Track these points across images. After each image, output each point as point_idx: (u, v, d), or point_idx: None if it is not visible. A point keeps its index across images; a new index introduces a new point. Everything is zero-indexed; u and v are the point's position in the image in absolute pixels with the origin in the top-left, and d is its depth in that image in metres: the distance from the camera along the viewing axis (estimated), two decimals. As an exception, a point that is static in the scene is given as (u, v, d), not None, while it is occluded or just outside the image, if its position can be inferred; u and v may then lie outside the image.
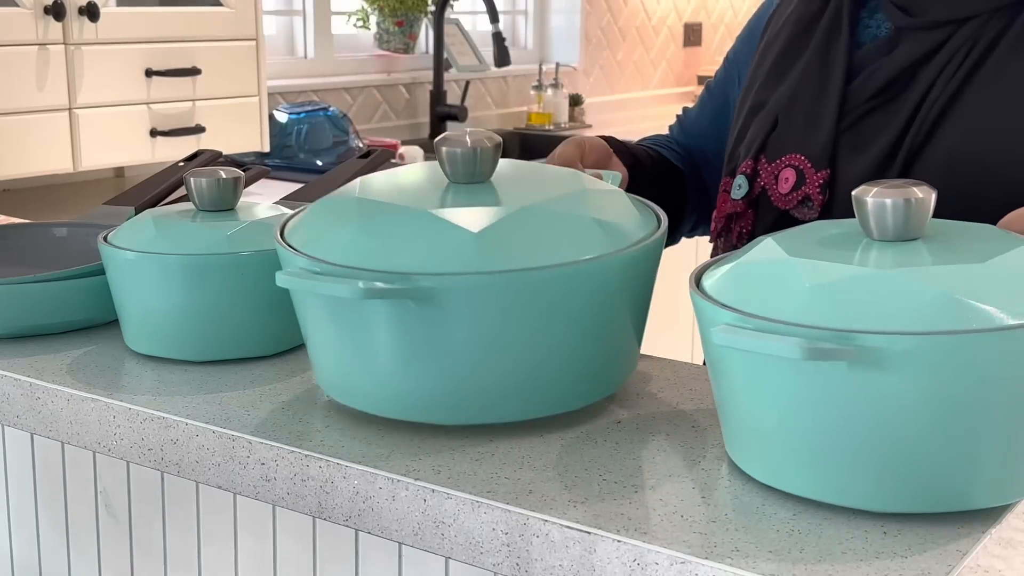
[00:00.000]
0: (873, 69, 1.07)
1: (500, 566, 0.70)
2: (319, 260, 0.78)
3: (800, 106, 1.11)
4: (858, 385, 0.64)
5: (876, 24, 1.11)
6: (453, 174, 0.84)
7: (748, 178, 1.12)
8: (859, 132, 1.06)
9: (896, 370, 0.63)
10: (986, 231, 0.74)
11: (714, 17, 4.59)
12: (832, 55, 1.10)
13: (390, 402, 0.80)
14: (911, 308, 0.64)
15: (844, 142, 1.07)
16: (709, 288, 0.72)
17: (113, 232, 0.98)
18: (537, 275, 0.76)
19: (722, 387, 0.72)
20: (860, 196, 0.70)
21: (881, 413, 0.64)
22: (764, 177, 1.11)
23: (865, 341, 0.63)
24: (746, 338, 0.64)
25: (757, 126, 1.14)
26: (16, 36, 1.94)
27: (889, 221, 0.70)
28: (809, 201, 1.07)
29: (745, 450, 0.72)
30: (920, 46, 1.04)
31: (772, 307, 0.67)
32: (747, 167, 1.12)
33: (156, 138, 2.17)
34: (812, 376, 0.65)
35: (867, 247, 0.70)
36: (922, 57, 1.04)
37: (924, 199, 0.70)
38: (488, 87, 3.65)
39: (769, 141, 1.12)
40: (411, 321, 0.76)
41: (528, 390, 0.79)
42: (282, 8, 3.15)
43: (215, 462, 0.82)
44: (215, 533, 0.92)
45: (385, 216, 0.80)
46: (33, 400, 0.91)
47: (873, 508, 0.67)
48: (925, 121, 1.02)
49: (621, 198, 0.86)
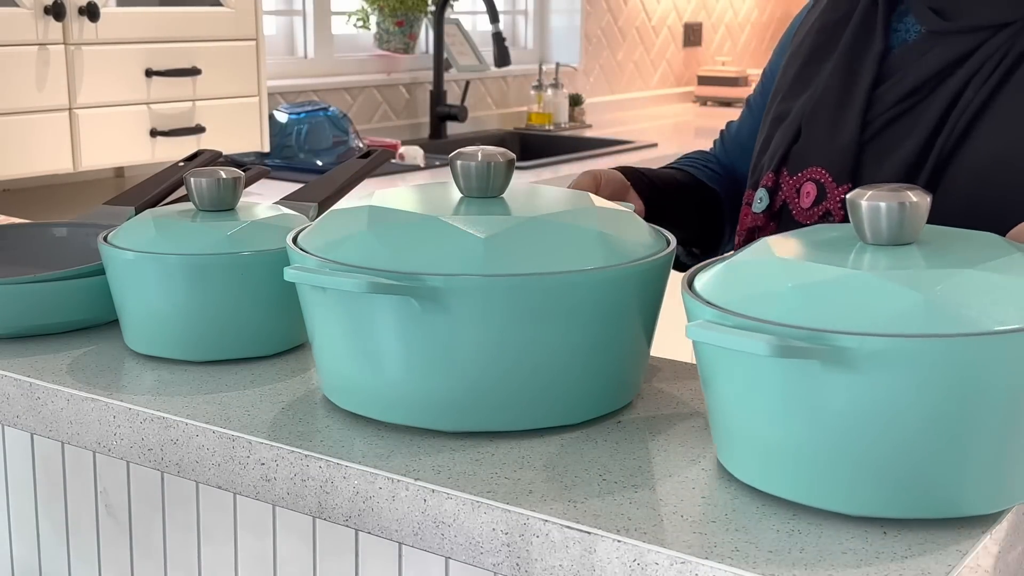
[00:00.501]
0: (902, 74, 1.04)
1: (500, 566, 0.70)
2: (329, 260, 0.79)
3: (822, 116, 1.07)
4: (832, 386, 0.64)
5: (904, 28, 1.08)
6: (467, 188, 0.85)
7: (769, 191, 1.09)
8: (883, 141, 1.03)
9: (868, 372, 0.63)
10: (986, 239, 0.74)
11: (714, 17, 4.59)
12: (860, 60, 1.07)
13: (396, 408, 0.80)
14: (888, 311, 0.64)
15: (868, 153, 1.04)
16: (700, 287, 0.72)
17: (113, 232, 0.98)
18: (542, 281, 0.76)
19: (708, 388, 0.72)
20: (855, 200, 0.70)
21: (856, 416, 0.64)
22: (785, 191, 1.08)
23: (837, 341, 0.63)
24: (718, 333, 0.65)
25: (780, 137, 1.11)
26: (16, 36, 1.94)
27: (883, 225, 0.70)
28: (830, 216, 1.04)
29: (727, 450, 0.73)
30: (952, 51, 1.02)
31: (754, 306, 0.67)
32: (768, 180, 1.10)
33: (156, 138, 2.17)
34: (788, 376, 0.65)
35: (860, 251, 0.70)
36: (953, 62, 1.01)
37: (919, 203, 0.70)
38: (488, 87, 3.65)
39: (791, 153, 1.09)
40: (417, 325, 0.76)
41: (531, 400, 0.79)
42: (282, 8, 3.15)
43: (215, 462, 0.82)
44: (215, 533, 0.93)
45: (395, 222, 0.81)
46: (33, 400, 0.91)
47: (849, 512, 0.67)
48: (955, 128, 0.99)
49: (632, 217, 0.87)
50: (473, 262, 0.76)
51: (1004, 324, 0.63)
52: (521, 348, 0.77)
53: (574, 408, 0.81)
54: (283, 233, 0.94)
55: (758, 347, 0.63)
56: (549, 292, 0.77)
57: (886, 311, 0.64)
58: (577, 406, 0.81)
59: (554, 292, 0.77)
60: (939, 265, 0.67)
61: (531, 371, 0.78)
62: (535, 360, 0.78)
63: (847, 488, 0.66)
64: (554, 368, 0.79)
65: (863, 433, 0.65)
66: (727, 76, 4.33)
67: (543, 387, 0.79)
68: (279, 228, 0.96)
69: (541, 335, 0.77)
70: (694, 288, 0.72)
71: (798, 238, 0.75)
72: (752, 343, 0.63)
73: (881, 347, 0.62)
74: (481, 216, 0.80)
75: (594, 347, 0.80)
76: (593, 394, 0.82)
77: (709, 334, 0.65)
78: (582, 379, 0.80)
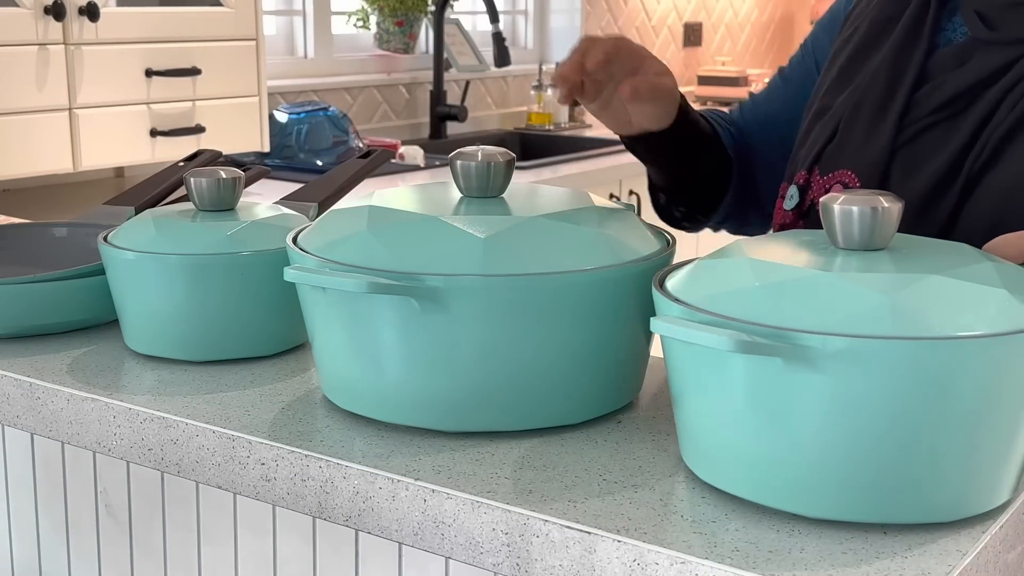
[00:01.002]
0: (941, 80, 1.02)
1: (500, 566, 0.70)
2: (329, 260, 0.79)
3: (860, 118, 1.05)
4: (794, 385, 0.64)
5: (952, 28, 1.05)
6: (466, 188, 0.85)
7: (800, 189, 1.07)
8: (915, 150, 1.01)
9: (830, 371, 0.63)
10: (957, 248, 0.74)
11: (714, 17, 4.59)
12: (907, 58, 1.05)
13: (396, 408, 0.80)
14: (852, 312, 0.64)
15: (898, 162, 1.01)
16: (671, 284, 0.73)
17: (113, 232, 0.98)
18: (542, 281, 0.76)
19: (674, 388, 0.73)
20: (827, 203, 0.71)
21: (818, 416, 0.65)
22: (815, 190, 1.06)
23: (800, 340, 0.63)
24: (681, 328, 0.66)
25: (817, 133, 1.09)
26: (16, 36, 1.94)
27: (855, 230, 0.70)
28: None
29: (691, 450, 0.73)
30: (991, 61, 0.99)
31: (720, 303, 0.67)
32: (800, 177, 1.08)
33: (156, 138, 2.17)
34: (751, 374, 0.66)
35: (831, 254, 0.70)
36: (992, 74, 0.99)
37: (890, 209, 0.70)
38: (488, 87, 3.65)
39: (825, 152, 1.07)
40: (417, 325, 0.76)
41: (531, 400, 0.79)
42: (282, 8, 3.15)
43: (215, 462, 0.82)
44: (215, 533, 0.93)
45: (395, 223, 0.81)
46: (33, 400, 0.91)
47: (809, 514, 0.67)
48: (986, 147, 0.96)
49: (632, 217, 0.87)
50: (473, 262, 0.76)
51: (967, 330, 0.63)
52: (521, 348, 0.77)
53: (574, 408, 0.81)
54: (283, 233, 0.94)
55: (721, 343, 0.63)
56: (549, 292, 0.77)
57: (850, 312, 0.64)
58: (577, 406, 0.81)
59: (554, 292, 0.77)
60: (907, 270, 0.67)
61: (531, 371, 0.78)
62: (535, 360, 0.78)
63: (808, 490, 0.66)
64: (554, 368, 0.79)
65: (824, 433, 0.65)
66: (727, 76, 4.32)
67: (543, 387, 0.79)
68: (279, 228, 0.96)
69: (541, 335, 0.77)
70: (665, 286, 0.73)
71: (771, 241, 0.76)
72: (715, 339, 0.64)
73: (843, 347, 0.62)
74: (481, 216, 0.80)
75: (594, 347, 0.80)
76: (593, 394, 0.82)
77: (674, 328, 0.66)
78: (582, 379, 0.80)
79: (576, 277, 0.77)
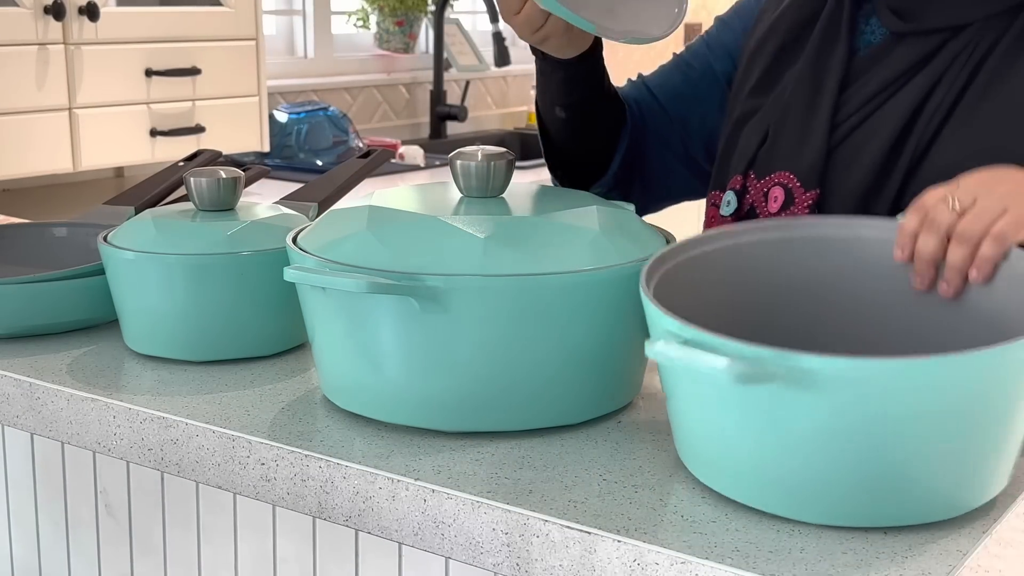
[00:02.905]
0: (868, 76, 1.04)
1: (500, 566, 0.70)
2: (329, 261, 0.79)
3: (791, 119, 1.07)
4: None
5: (871, 30, 1.08)
6: (467, 188, 0.85)
7: (737, 194, 1.08)
8: (850, 145, 1.03)
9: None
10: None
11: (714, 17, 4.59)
12: (827, 62, 1.07)
13: (396, 408, 0.80)
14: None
15: (836, 158, 1.03)
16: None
17: (113, 232, 0.98)
18: (542, 281, 0.76)
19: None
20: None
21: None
22: (753, 195, 1.07)
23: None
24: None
25: (747, 138, 1.10)
26: (16, 36, 1.94)
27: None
28: None
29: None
30: (914, 53, 1.02)
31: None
32: (736, 183, 1.08)
33: (156, 138, 2.17)
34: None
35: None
36: (916, 63, 1.02)
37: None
38: (488, 87, 3.65)
39: (758, 156, 1.08)
40: (417, 325, 0.76)
41: (531, 400, 0.79)
42: (282, 8, 3.15)
43: (215, 462, 0.82)
44: (215, 533, 0.93)
45: (395, 222, 0.81)
46: (33, 400, 0.91)
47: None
48: (925, 132, 0.99)
49: (632, 217, 0.87)
50: (473, 262, 0.76)
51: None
52: (521, 348, 0.77)
53: (574, 408, 0.81)
54: (283, 233, 0.94)
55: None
56: (549, 292, 0.77)
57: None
58: (577, 406, 0.81)
59: (554, 292, 0.77)
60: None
61: (531, 371, 0.78)
62: (535, 360, 0.78)
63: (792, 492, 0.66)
64: (554, 368, 0.79)
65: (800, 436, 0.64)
66: (727, 76, 4.32)
67: (543, 387, 0.79)
68: (279, 228, 0.96)
69: (541, 335, 0.77)
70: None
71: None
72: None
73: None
74: (481, 216, 0.80)
75: (594, 347, 0.80)
76: (593, 394, 0.82)
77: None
78: (582, 379, 0.80)
79: (576, 277, 0.77)
